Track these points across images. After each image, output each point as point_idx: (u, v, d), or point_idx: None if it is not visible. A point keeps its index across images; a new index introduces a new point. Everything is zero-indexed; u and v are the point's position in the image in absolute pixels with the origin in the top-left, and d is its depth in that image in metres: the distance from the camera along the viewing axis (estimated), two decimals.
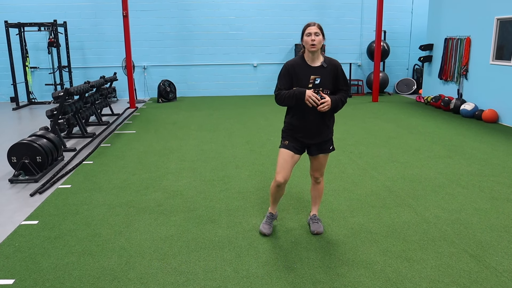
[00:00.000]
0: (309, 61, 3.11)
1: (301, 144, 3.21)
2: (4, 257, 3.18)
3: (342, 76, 3.16)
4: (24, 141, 5.05)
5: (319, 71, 3.08)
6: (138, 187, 4.66)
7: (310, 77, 3.06)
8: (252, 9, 11.91)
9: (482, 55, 8.63)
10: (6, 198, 4.45)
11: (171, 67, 12.12)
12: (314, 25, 3.07)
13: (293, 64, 3.13)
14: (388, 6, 11.88)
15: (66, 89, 6.58)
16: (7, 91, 11.62)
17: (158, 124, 8.21)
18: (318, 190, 3.50)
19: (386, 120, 8.37)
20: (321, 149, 3.26)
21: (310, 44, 3.02)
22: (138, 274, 2.93)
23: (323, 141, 3.23)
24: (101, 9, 11.57)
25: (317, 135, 3.19)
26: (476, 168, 5.19)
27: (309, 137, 3.18)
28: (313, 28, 3.04)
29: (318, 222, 3.52)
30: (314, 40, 3.01)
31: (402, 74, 12.92)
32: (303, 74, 3.08)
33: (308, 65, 3.10)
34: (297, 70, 3.10)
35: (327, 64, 3.10)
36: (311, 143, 3.21)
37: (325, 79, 3.08)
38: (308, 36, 3.04)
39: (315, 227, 3.48)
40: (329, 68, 3.10)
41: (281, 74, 3.17)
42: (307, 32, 3.06)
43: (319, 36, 3.04)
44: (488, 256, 3.11)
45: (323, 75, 3.08)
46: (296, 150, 3.20)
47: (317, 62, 3.10)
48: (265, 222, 3.53)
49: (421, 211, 3.94)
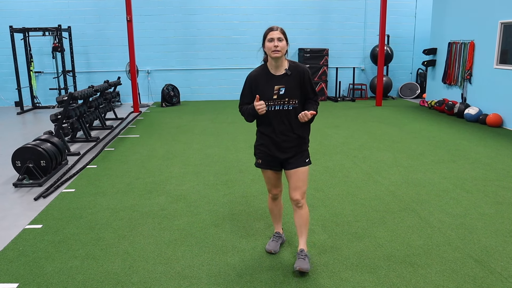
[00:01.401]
0: (272, 69, 2.84)
1: (274, 158, 2.94)
2: (8, 261, 3.19)
3: (309, 83, 2.88)
4: (29, 145, 5.07)
5: (283, 80, 2.81)
6: (141, 191, 4.67)
7: (274, 88, 2.81)
8: (255, 14, 11.95)
9: (486, 59, 8.61)
10: (11, 202, 4.46)
11: (174, 71, 12.16)
12: (276, 29, 2.78)
13: (255, 75, 2.89)
14: (392, 11, 11.89)
15: (70, 94, 6.61)
16: (12, 95, 11.69)
17: (162, 128, 8.23)
18: (302, 217, 3.00)
19: (389, 124, 8.36)
20: (295, 163, 2.93)
21: (273, 50, 2.74)
22: (142, 279, 2.93)
23: (296, 153, 2.93)
24: (105, 14, 11.64)
25: (289, 148, 2.90)
26: (480, 173, 5.17)
27: (281, 151, 2.91)
28: (275, 33, 2.76)
29: (305, 258, 2.97)
30: (277, 46, 2.73)
31: (405, 78, 12.91)
32: (266, 85, 2.83)
33: (271, 74, 2.84)
34: (259, 82, 2.85)
35: (291, 71, 2.82)
36: (284, 157, 2.92)
37: (290, 88, 2.81)
38: (271, 42, 2.75)
39: (299, 263, 2.93)
40: (294, 75, 2.82)
41: (243, 88, 2.96)
42: (269, 38, 2.77)
43: (283, 42, 2.76)
44: (493, 261, 3.09)
45: (288, 83, 2.81)
46: (273, 166, 2.98)
47: (281, 70, 2.82)
48: (271, 240, 3.32)
49: (425, 215, 3.92)
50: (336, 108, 10.51)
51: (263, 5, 11.95)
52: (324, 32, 12.23)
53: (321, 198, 4.37)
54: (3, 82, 11.72)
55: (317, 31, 12.21)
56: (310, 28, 12.21)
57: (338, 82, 12.28)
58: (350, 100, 11.95)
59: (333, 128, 7.99)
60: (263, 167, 3.02)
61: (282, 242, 3.35)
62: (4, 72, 11.66)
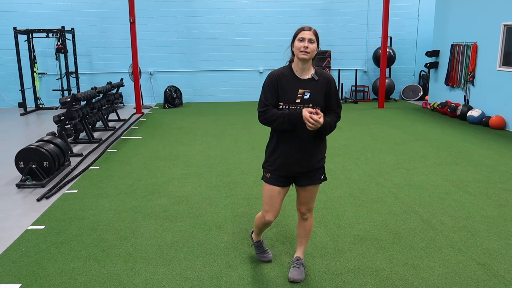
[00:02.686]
0: (298, 72, 2.62)
1: (287, 173, 2.69)
2: (10, 261, 3.20)
3: (335, 93, 2.66)
4: (32, 146, 5.09)
5: (309, 85, 2.60)
6: (144, 193, 4.67)
7: (299, 91, 2.58)
8: (258, 16, 11.96)
9: (489, 61, 8.60)
10: (13, 202, 4.47)
11: (177, 73, 12.18)
12: (309, 29, 2.58)
13: (279, 75, 2.62)
14: (394, 13, 11.88)
15: (73, 95, 6.63)
16: (15, 96, 11.73)
17: (164, 130, 8.24)
18: (305, 228, 2.91)
19: (392, 126, 8.35)
20: (310, 179, 2.72)
21: (301, 50, 2.53)
22: (144, 280, 2.93)
23: (313, 169, 2.71)
24: (108, 16, 11.68)
25: (306, 162, 2.67)
26: (483, 175, 5.15)
27: (296, 165, 2.66)
28: (307, 33, 2.55)
29: (300, 267, 2.91)
30: (307, 47, 2.52)
31: (408, 80, 12.89)
32: (290, 87, 2.59)
33: (297, 77, 2.61)
34: (283, 82, 2.60)
35: (318, 77, 2.61)
36: (299, 171, 2.69)
37: (315, 94, 2.59)
38: (301, 42, 2.54)
39: (293, 274, 2.88)
40: (321, 81, 2.61)
41: (266, 86, 2.64)
42: (300, 37, 2.56)
43: (314, 44, 2.56)
44: (496, 264, 3.08)
45: (314, 89, 2.60)
46: (282, 183, 2.71)
47: (308, 74, 2.62)
48: (258, 252, 3.15)
49: (427, 218, 3.91)
50: None
51: (265, 7, 11.96)
52: (327, 34, 12.23)
53: (323, 200, 4.37)
54: (7, 83, 11.77)
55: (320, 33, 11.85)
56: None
57: (340, 84, 12.27)
58: (352, 102, 11.95)
59: (335, 130, 7.98)
60: (271, 183, 2.73)
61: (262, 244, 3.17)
62: (7, 73, 11.71)
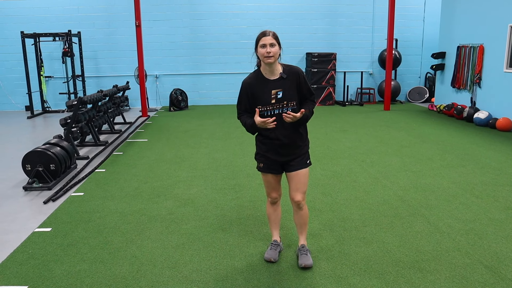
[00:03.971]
0: (266, 74, 2.85)
1: (275, 162, 2.98)
2: (17, 263, 3.22)
3: (304, 83, 2.90)
4: (38, 149, 5.12)
5: (279, 83, 2.83)
6: (149, 195, 4.69)
7: (272, 92, 2.82)
8: (263, 18, 11.99)
9: (496, 63, 8.55)
10: (20, 205, 4.50)
11: (183, 76, 12.22)
12: (269, 34, 2.76)
13: (249, 82, 2.88)
14: (400, 15, 11.86)
15: (79, 98, 6.67)
16: (22, 100, 11.82)
17: (170, 133, 8.26)
18: (302, 217, 3.12)
19: (398, 128, 8.32)
20: (297, 165, 2.97)
21: (265, 56, 2.74)
22: (149, 282, 2.94)
23: (298, 156, 2.97)
24: (114, 19, 11.75)
25: (291, 151, 2.94)
26: (490, 178, 5.12)
27: (282, 154, 2.94)
28: (267, 38, 2.74)
29: (307, 253, 3.13)
30: (270, 52, 2.72)
31: (414, 82, 12.85)
32: (262, 90, 2.84)
33: (266, 79, 2.85)
34: (254, 88, 2.86)
35: (287, 74, 2.84)
36: (286, 160, 2.97)
37: (287, 91, 2.83)
38: (263, 48, 2.74)
39: (303, 260, 3.08)
40: (290, 77, 2.85)
41: (239, 95, 2.95)
42: (261, 44, 2.75)
43: (275, 47, 2.75)
44: (503, 268, 3.05)
45: (285, 86, 2.83)
46: (274, 170, 3.01)
47: (276, 74, 2.84)
48: (270, 248, 3.24)
49: (434, 221, 3.89)
50: (344, 113, 10.48)
51: (271, 9, 11.99)
52: (332, 37, 12.23)
53: (328, 203, 4.36)
54: (14, 86, 11.86)
55: (325, 35, 12.21)
56: (318, 32, 12.22)
57: (346, 86, 12.25)
58: (358, 104, 11.92)
59: (341, 132, 7.97)
60: (264, 171, 3.04)
61: (280, 250, 3.27)
62: (15, 77, 11.80)
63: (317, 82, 11.74)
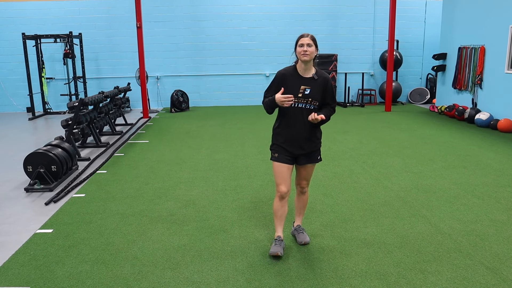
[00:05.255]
0: (301, 71, 3.15)
1: (291, 153, 3.22)
2: (19, 265, 3.22)
3: (330, 90, 3.21)
4: (40, 150, 5.13)
5: (310, 83, 3.14)
6: (151, 197, 4.69)
7: (301, 87, 3.12)
8: (264, 20, 12.00)
9: (497, 64, 8.54)
10: (22, 206, 4.51)
11: (184, 77, 12.24)
12: (307, 36, 3.10)
13: (285, 73, 3.18)
14: (401, 16, 11.86)
15: (81, 100, 6.68)
16: (24, 101, 11.85)
17: (171, 134, 8.27)
18: (303, 201, 3.50)
19: (399, 129, 8.31)
20: (309, 159, 3.27)
21: (302, 54, 3.06)
22: (151, 284, 2.94)
23: (312, 151, 3.26)
24: (115, 21, 11.77)
25: (306, 145, 3.21)
26: (491, 179, 5.11)
27: (298, 147, 3.20)
28: (306, 39, 3.07)
29: (303, 232, 3.53)
30: (307, 50, 3.05)
31: (415, 83, 12.84)
32: (294, 84, 3.13)
33: (300, 76, 3.15)
34: (288, 80, 3.15)
35: (318, 77, 3.15)
36: (300, 153, 3.22)
37: (314, 90, 3.14)
38: (301, 47, 3.07)
39: (301, 238, 3.48)
40: (320, 80, 3.15)
41: (272, 81, 3.23)
42: (299, 43, 3.09)
43: (312, 47, 3.07)
44: (505, 269, 3.05)
45: (313, 86, 3.14)
46: (288, 160, 3.23)
47: (309, 74, 3.15)
48: (274, 244, 3.32)
49: (435, 222, 3.88)
50: (345, 114, 10.48)
51: (272, 11, 11.99)
52: (333, 38, 12.23)
53: (330, 204, 4.36)
54: (15, 88, 11.89)
55: (326, 36, 12.20)
56: (319, 33, 12.19)
57: (347, 87, 12.25)
58: (359, 105, 11.92)
59: (342, 133, 7.97)
60: (279, 161, 3.22)
61: (283, 247, 3.33)
62: (16, 79, 11.83)
63: None
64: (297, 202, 3.54)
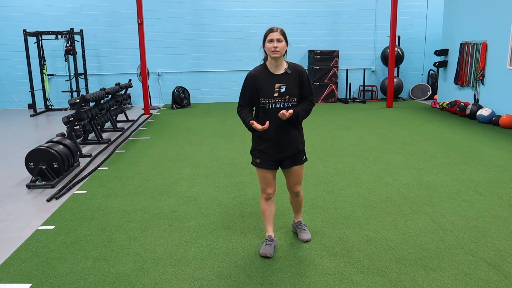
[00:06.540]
0: (272, 68, 2.99)
1: (273, 158, 3.09)
2: (21, 261, 3.23)
3: (307, 82, 3.03)
4: (41, 147, 5.13)
5: (284, 79, 2.97)
6: (152, 193, 4.69)
7: (275, 86, 2.95)
8: (265, 16, 11.96)
9: (499, 60, 8.51)
10: (24, 203, 4.52)
11: (185, 73, 12.22)
12: (276, 30, 2.90)
13: (255, 75, 3.01)
14: (402, 12, 11.81)
15: (82, 96, 6.68)
16: (25, 98, 11.84)
17: (172, 131, 8.27)
18: (298, 201, 3.41)
19: (400, 126, 8.30)
20: (294, 161, 3.13)
21: (272, 50, 2.88)
22: (152, 280, 2.94)
23: (295, 152, 3.10)
24: (116, 17, 11.75)
25: (286, 148, 3.06)
26: (493, 175, 5.10)
27: (278, 150, 3.05)
28: (275, 34, 2.88)
29: (305, 229, 3.50)
30: (277, 47, 2.87)
31: (416, 79, 12.80)
32: (266, 83, 2.96)
33: (271, 73, 2.98)
34: (259, 80, 2.98)
35: (291, 71, 2.98)
36: (282, 156, 3.08)
37: (290, 86, 2.96)
38: (270, 43, 2.89)
39: (303, 236, 3.43)
40: (294, 74, 2.98)
41: (243, 87, 3.05)
42: (268, 39, 2.90)
43: (282, 42, 2.89)
44: (507, 265, 3.04)
45: (288, 82, 2.96)
46: (271, 165, 3.10)
47: (281, 69, 2.98)
48: (265, 244, 3.26)
49: (437, 218, 3.88)
50: (347, 110, 10.46)
51: (273, 7, 11.96)
52: (334, 34, 12.19)
53: (331, 200, 4.36)
54: (17, 84, 11.88)
55: (327, 32, 12.17)
56: (320, 29, 12.19)
57: (348, 83, 12.23)
58: (360, 101, 11.90)
59: (343, 129, 7.96)
60: (261, 167, 3.11)
61: (274, 246, 3.29)
62: (17, 75, 11.83)
63: (319, 79, 11.72)
64: (292, 203, 3.47)
